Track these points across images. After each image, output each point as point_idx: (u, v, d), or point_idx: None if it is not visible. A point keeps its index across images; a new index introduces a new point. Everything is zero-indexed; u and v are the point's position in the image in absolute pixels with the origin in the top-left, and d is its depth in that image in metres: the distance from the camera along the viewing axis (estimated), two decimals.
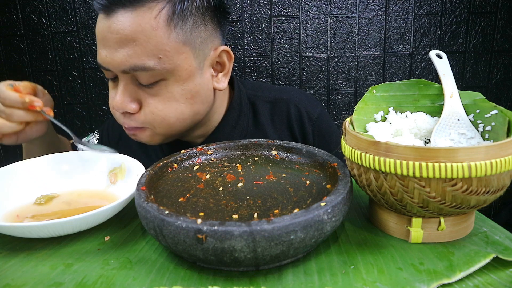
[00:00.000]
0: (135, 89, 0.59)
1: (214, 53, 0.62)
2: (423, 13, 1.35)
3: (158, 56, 0.55)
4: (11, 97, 0.55)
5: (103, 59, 0.57)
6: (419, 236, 0.40)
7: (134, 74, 0.56)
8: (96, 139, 0.84)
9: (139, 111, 0.60)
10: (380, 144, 0.37)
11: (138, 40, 0.54)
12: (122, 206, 0.47)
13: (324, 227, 0.36)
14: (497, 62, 1.40)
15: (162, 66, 0.56)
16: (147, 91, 0.59)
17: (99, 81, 1.42)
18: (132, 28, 0.53)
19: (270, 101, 0.77)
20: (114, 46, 0.55)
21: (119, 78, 0.58)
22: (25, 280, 0.37)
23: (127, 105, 0.58)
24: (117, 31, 0.54)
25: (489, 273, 0.36)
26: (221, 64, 0.65)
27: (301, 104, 0.76)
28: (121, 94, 0.58)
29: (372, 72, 1.40)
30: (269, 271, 0.37)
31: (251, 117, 0.75)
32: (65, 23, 1.37)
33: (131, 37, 0.54)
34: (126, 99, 0.58)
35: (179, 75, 0.58)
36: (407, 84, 0.50)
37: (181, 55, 0.57)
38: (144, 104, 0.59)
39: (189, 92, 0.60)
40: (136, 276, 0.37)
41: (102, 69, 0.59)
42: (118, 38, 0.54)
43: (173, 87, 0.59)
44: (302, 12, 1.35)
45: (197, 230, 0.34)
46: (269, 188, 0.45)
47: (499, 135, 0.41)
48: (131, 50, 0.54)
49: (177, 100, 0.60)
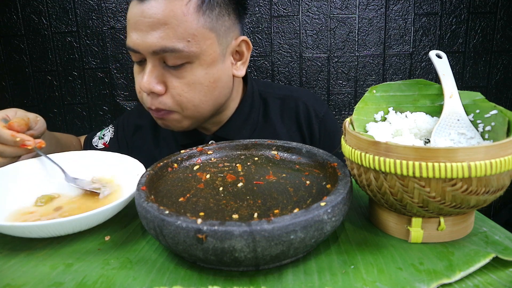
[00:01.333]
0: (162, 71, 0.62)
1: (235, 42, 0.67)
2: (423, 13, 1.35)
3: (187, 40, 0.59)
4: (3, 135, 0.56)
5: (134, 42, 0.60)
6: (419, 236, 0.40)
7: (163, 55, 0.60)
8: (111, 133, 0.86)
9: (165, 93, 0.63)
10: (380, 144, 0.37)
11: (170, 23, 0.58)
12: (122, 206, 0.47)
13: (324, 227, 0.36)
14: (496, 62, 1.40)
15: (190, 49, 0.60)
16: (173, 73, 0.62)
17: (99, 81, 1.42)
18: (165, 13, 0.58)
19: (280, 98, 0.80)
20: (146, 30, 0.58)
21: (147, 61, 0.61)
22: (25, 280, 0.37)
23: (154, 86, 0.61)
24: (150, 16, 0.58)
25: (489, 273, 0.36)
26: (239, 53, 0.70)
27: (309, 102, 0.80)
28: (148, 75, 0.61)
29: (372, 72, 1.40)
30: (269, 271, 0.37)
31: (262, 111, 0.79)
32: (65, 23, 1.37)
33: (164, 21, 0.58)
34: (153, 80, 0.61)
35: (204, 59, 0.62)
36: (407, 84, 0.50)
37: (207, 41, 0.61)
38: (170, 86, 0.62)
39: (212, 77, 0.64)
40: (136, 276, 0.37)
41: (131, 51, 0.63)
42: (151, 22, 0.58)
43: (197, 70, 0.62)
44: (302, 12, 1.35)
45: (197, 230, 0.34)
46: (269, 188, 0.45)
47: (499, 135, 0.41)
48: (163, 32, 0.58)
49: (201, 83, 0.63)
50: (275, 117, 0.79)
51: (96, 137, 0.86)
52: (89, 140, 0.87)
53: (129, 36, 0.61)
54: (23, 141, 0.57)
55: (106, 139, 0.85)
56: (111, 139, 0.85)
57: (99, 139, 0.86)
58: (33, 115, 0.63)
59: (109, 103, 1.44)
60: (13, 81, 1.43)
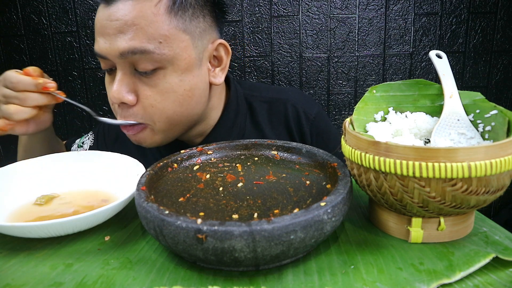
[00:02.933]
0: (133, 80, 0.58)
1: (212, 46, 0.63)
2: (423, 13, 1.35)
3: (158, 41, 0.56)
4: (24, 80, 0.54)
5: (101, 47, 0.57)
6: (419, 236, 0.40)
7: (133, 60, 0.56)
8: (91, 141, 0.82)
9: (137, 104, 0.59)
10: (380, 144, 0.37)
11: (139, 24, 0.55)
12: (122, 206, 0.47)
13: (324, 227, 0.36)
14: (497, 62, 1.40)
15: (162, 51, 0.56)
16: (145, 81, 0.58)
17: (99, 81, 1.42)
18: (133, 14, 0.54)
19: (267, 101, 0.76)
20: (114, 33, 0.55)
21: (116, 68, 0.58)
22: (25, 280, 0.37)
23: (124, 95, 0.57)
24: (118, 18, 0.54)
25: (489, 273, 0.36)
26: (218, 58, 0.65)
27: (298, 104, 0.76)
28: (118, 83, 0.57)
29: (372, 72, 1.40)
30: (269, 271, 0.37)
31: (249, 117, 0.75)
32: (65, 23, 1.37)
33: (132, 22, 0.54)
34: (123, 88, 0.57)
35: (178, 64, 0.58)
36: (407, 84, 0.50)
37: (181, 43, 0.58)
38: (142, 96, 0.58)
39: (187, 84, 0.60)
40: (136, 276, 0.37)
41: (99, 57, 0.59)
42: (119, 25, 0.54)
43: (171, 77, 0.58)
44: (302, 12, 1.35)
45: (197, 230, 0.34)
46: (269, 188, 0.45)
47: (499, 135, 0.41)
48: (131, 34, 0.55)
49: (175, 91, 0.59)
50: (263, 122, 0.74)
51: (75, 145, 0.83)
52: (68, 147, 0.83)
53: (96, 42, 0.58)
54: (45, 83, 0.54)
55: (86, 147, 0.81)
56: (90, 147, 0.81)
57: (78, 147, 0.82)
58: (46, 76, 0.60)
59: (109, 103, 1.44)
60: None
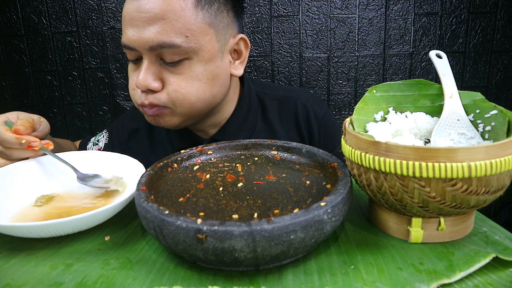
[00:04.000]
0: (159, 68, 0.61)
1: (233, 40, 0.66)
2: (423, 13, 1.35)
3: (185, 35, 0.58)
4: (9, 139, 0.56)
5: (130, 38, 0.59)
6: (419, 236, 0.40)
7: (160, 52, 0.59)
8: (105, 138, 0.84)
9: (162, 89, 0.61)
10: (380, 144, 0.37)
11: (168, 18, 0.57)
12: (122, 206, 0.47)
13: (324, 227, 0.36)
14: (497, 62, 1.40)
15: (188, 44, 0.59)
16: (171, 70, 0.61)
17: (99, 81, 1.42)
18: (162, 7, 0.56)
19: (278, 99, 0.79)
20: (143, 25, 0.57)
21: (143, 58, 0.60)
22: (25, 280, 0.37)
23: (151, 83, 0.60)
24: (147, 11, 0.56)
25: (489, 273, 0.36)
26: (238, 52, 0.69)
27: (308, 103, 0.78)
28: (144, 72, 0.60)
29: (372, 72, 1.40)
30: (269, 271, 0.37)
31: (260, 113, 0.78)
32: (65, 23, 1.37)
33: (161, 15, 0.56)
34: (149, 77, 0.60)
35: (203, 55, 0.61)
36: (407, 84, 0.50)
37: (206, 36, 0.60)
38: (167, 83, 0.61)
39: (211, 73, 0.63)
40: (136, 276, 0.37)
41: (126, 49, 0.61)
42: (148, 17, 0.57)
43: (196, 66, 0.61)
44: (302, 12, 1.35)
45: (197, 230, 0.34)
46: (269, 188, 0.45)
47: (499, 135, 0.41)
48: (160, 27, 0.57)
49: (199, 79, 0.62)
50: (273, 119, 0.77)
51: (90, 143, 0.85)
52: (84, 146, 0.85)
53: (125, 33, 0.60)
54: (29, 143, 0.56)
55: (101, 145, 0.83)
56: (105, 144, 0.83)
57: (94, 145, 0.84)
58: (36, 117, 0.63)
59: (109, 103, 1.44)
60: (13, 81, 1.43)
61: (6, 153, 0.58)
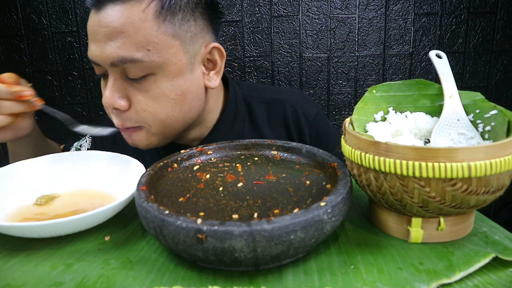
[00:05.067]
0: (125, 85, 0.58)
1: (205, 49, 0.62)
2: (423, 13, 1.35)
3: (146, 48, 0.55)
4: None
5: (93, 53, 0.57)
6: (419, 236, 0.40)
7: (123, 67, 0.56)
8: (88, 143, 0.82)
9: (130, 108, 0.59)
10: (380, 144, 0.37)
11: (127, 31, 0.54)
12: (122, 206, 0.47)
13: (324, 227, 0.36)
14: (496, 62, 1.40)
15: (151, 58, 0.56)
16: (137, 86, 0.58)
17: (99, 81, 1.42)
18: (121, 21, 0.54)
19: (266, 102, 0.76)
20: (103, 40, 0.55)
21: (108, 74, 0.58)
22: (25, 280, 0.37)
23: (116, 101, 0.57)
24: (106, 25, 0.54)
25: (489, 273, 0.36)
26: (212, 62, 0.64)
27: (297, 104, 0.75)
28: (110, 89, 0.57)
29: (372, 72, 1.40)
30: (269, 271, 0.37)
31: (247, 118, 0.75)
32: (65, 23, 1.37)
33: (120, 29, 0.54)
34: (115, 94, 0.57)
35: (168, 70, 0.57)
36: (407, 84, 0.50)
37: (171, 49, 0.57)
38: (134, 101, 0.58)
39: (179, 89, 0.59)
40: (136, 276, 0.37)
41: (92, 63, 0.59)
42: (107, 31, 0.54)
43: (162, 82, 0.58)
44: (302, 12, 1.35)
45: (197, 230, 0.34)
46: (269, 188, 0.45)
47: (499, 135, 0.41)
48: (119, 42, 0.54)
49: (167, 96, 0.59)
50: (262, 123, 0.74)
51: (73, 148, 0.82)
52: (66, 150, 0.82)
53: (89, 48, 0.58)
54: (21, 91, 0.54)
55: (83, 150, 0.81)
56: (88, 150, 0.80)
57: (76, 150, 0.81)
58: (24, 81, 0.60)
59: None
60: None
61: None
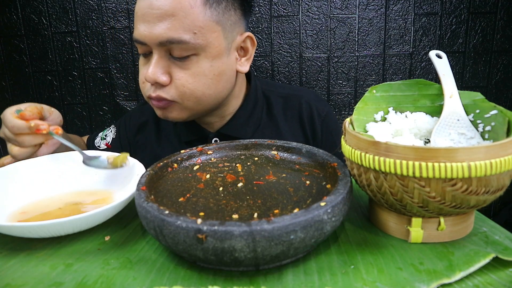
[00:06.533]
0: (168, 63, 0.63)
1: (240, 37, 0.69)
2: (423, 13, 1.35)
3: (193, 31, 0.61)
4: (18, 125, 0.58)
5: (141, 33, 0.61)
6: (419, 236, 0.40)
7: (169, 47, 0.61)
8: (113, 133, 0.86)
9: (170, 84, 0.64)
10: (380, 144, 0.37)
11: (177, 15, 0.59)
12: (122, 206, 0.47)
13: (324, 227, 0.36)
14: (496, 62, 1.40)
15: (196, 41, 0.61)
16: (179, 64, 0.63)
17: (99, 81, 1.42)
18: (172, 5, 0.59)
19: (283, 96, 0.82)
20: (153, 21, 0.60)
21: (153, 52, 0.63)
22: (25, 280, 0.37)
23: (159, 76, 0.62)
24: (158, 7, 0.59)
25: (489, 273, 0.36)
26: (244, 49, 0.71)
27: (312, 101, 0.81)
28: (154, 66, 0.62)
29: (372, 72, 1.40)
30: (269, 271, 0.37)
31: (265, 109, 0.81)
32: (65, 23, 1.37)
33: (171, 12, 0.59)
34: (158, 70, 0.62)
35: (210, 52, 0.63)
36: (407, 84, 0.50)
37: (213, 33, 0.63)
38: (175, 77, 0.63)
39: (217, 69, 0.65)
40: (136, 276, 0.37)
41: (137, 43, 0.64)
42: (159, 14, 0.59)
43: (203, 62, 0.64)
44: (302, 12, 1.35)
45: (197, 230, 0.34)
46: (269, 188, 0.45)
47: (499, 135, 0.41)
48: (170, 24, 0.59)
49: (206, 75, 0.64)
50: (278, 115, 0.80)
51: (98, 138, 0.87)
52: (91, 141, 0.87)
53: (136, 29, 0.63)
54: (37, 126, 0.57)
55: (108, 139, 0.86)
56: (113, 139, 0.85)
57: (101, 140, 0.86)
58: (46, 106, 0.63)
59: (109, 103, 1.44)
60: (13, 81, 1.43)
61: (18, 140, 0.59)
